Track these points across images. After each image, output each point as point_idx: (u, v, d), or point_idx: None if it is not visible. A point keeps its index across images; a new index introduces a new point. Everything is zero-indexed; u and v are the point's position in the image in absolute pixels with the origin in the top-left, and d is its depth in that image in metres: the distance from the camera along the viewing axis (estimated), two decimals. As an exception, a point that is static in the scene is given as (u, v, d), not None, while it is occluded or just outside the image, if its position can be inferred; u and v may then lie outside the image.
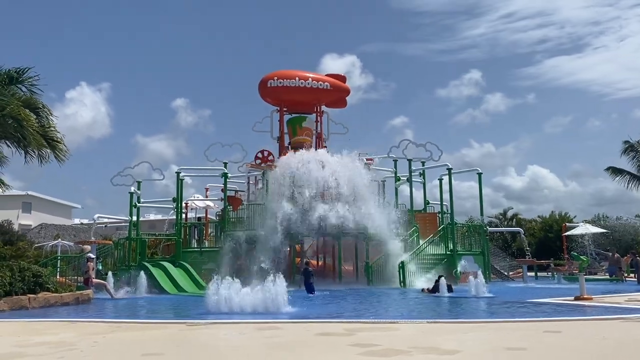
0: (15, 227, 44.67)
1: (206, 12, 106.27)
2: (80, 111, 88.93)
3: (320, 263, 27.72)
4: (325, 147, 29.00)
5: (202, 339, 8.13)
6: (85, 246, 26.05)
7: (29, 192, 56.57)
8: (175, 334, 8.42)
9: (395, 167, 27.38)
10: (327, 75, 30.00)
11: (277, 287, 12.46)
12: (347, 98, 30.53)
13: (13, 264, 13.92)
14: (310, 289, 18.06)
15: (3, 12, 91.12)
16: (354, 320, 10.24)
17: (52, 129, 17.74)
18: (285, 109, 28.87)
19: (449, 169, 25.61)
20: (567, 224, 35.72)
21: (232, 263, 23.03)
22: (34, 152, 17.23)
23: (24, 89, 17.15)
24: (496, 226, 43.71)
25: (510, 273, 29.62)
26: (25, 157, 17.36)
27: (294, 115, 29.00)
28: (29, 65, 17.42)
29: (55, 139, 17.67)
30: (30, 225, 51.97)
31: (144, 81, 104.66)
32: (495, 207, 74.08)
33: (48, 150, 17.53)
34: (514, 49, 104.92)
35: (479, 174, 27.01)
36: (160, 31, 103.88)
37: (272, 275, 12.67)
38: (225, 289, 12.47)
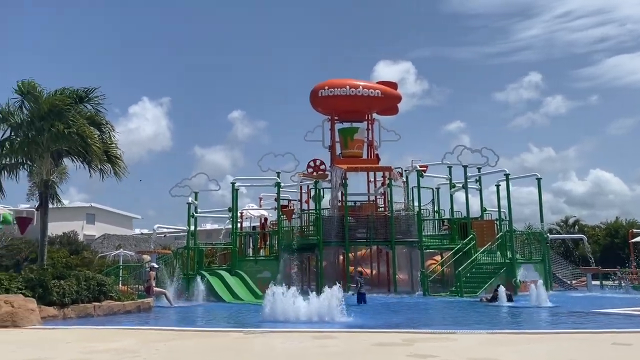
0: (80, 237, 46.76)
1: (259, 26, 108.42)
2: (142, 125, 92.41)
3: (374, 272, 27.51)
4: (377, 155, 28.88)
5: (260, 347, 8.21)
6: (145, 256, 26.94)
7: (93, 204, 59.15)
8: (233, 342, 8.55)
9: (450, 173, 26.90)
10: (378, 82, 29.89)
11: (332, 297, 12.46)
12: (398, 105, 30.32)
13: (79, 273, 14.51)
14: (361, 299, 17.86)
15: (73, 34, 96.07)
16: (411, 330, 10.07)
17: (114, 145, 18.53)
18: (336, 118, 28.95)
19: (507, 175, 24.90)
20: (633, 230, 33.95)
21: (287, 272, 23.22)
22: (96, 167, 18.05)
23: (89, 106, 18.02)
24: (557, 233, 42.12)
25: (574, 282, 28.42)
26: (89, 172, 18.20)
27: (345, 124, 29.04)
28: (95, 84, 18.30)
29: (116, 155, 18.45)
30: (94, 235, 54.23)
31: (202, 95, 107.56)
32: (555, 214, 71.47)
33: (109, 166, 18.32)
34: (571, 49, 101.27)
35: (539, 179, 26.12)
36: (216, 46, 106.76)
37: (326, 284, 12.67)
38: (281, 298, 12.56)
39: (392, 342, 8.15)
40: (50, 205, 17.72)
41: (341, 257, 25.46)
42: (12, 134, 17.34)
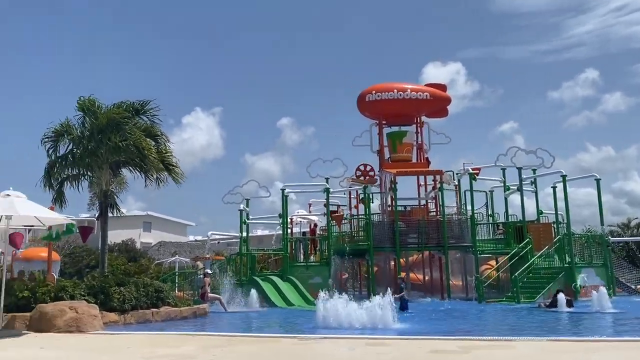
0: (138, 245, 48.30)
1: (305, 34, 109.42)
2: (195, 135, 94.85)
3: (426, 278, 27.12)
4: (427, 158, 28.51)
5: (314, 353, 8.24)
6: (198, 263, 27.55)
7: (149, 213, 61.05)
8: (288, 348, 8.61)
9: (504, 175, 26.23)
10: (426, 85, 29.55)
11: (385, 303, 12.36)
12: (448, 107, 29.86)
13: (138, 280, 14.99)
14: (403, 306, 17.39)
15: (129, 48, 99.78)
16: (467, 337, 9.86)
17: (169, 154, 19.12)
18: (384, 122, 28.80)
19: (564, 176, 24.04)
20: None
21: (338, 277, 23.21)
22: (152, 176, 18.65)
23: (145, 118, 18.69)
24: (618, 236, 40.27)
25: (639, 286, 27.09)
26: (145, 181, 18.83)
27: (393, 128, 28.84)
28: (150, 96, 19.00)
29: (172, 163, 19.02)
30: (151, 243, 55.92)
31: (252, 103, 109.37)
32: (616, 215, 68.26)
33: (165, 174, 18.91)
34: (628, 43, 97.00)
35: (598, 180, 25.08)
36: (264, 54, 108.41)
37: (377, 289, 12.59)
38: (333, 304, 12.57)
39: (448, 350, 8.00)
40: (109, 215, 18.40)
41: (392, 263, 25.22)
42: (74, 147, 18.16)
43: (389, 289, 12.75)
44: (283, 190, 25.62)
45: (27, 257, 19.24)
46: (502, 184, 26.23)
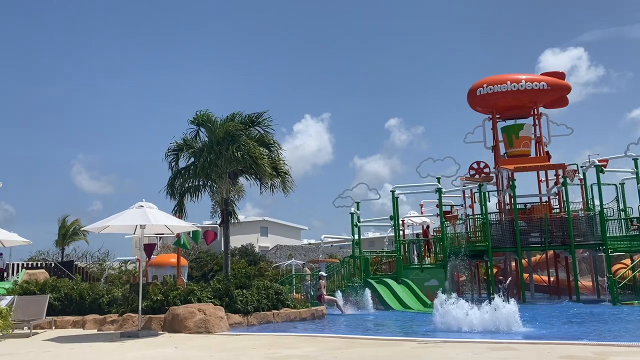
0: (256, 249, 50.44)
1: (411, 32, 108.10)
2: (306, 141, 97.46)
3: (552, 279, 25.50)
4: (547, 152, 26.84)
5: (435, 357, 8.04)
6: (306, 268, 28.14)
7: (265, 218, 63.66)
8: (408, 352, 8.49)
9: (636, 166, 23.96)
10: (542, 74, 27.84)
11: (508, 305, 11.81)
12: (568, 96, 27.89)
13: (259, 283, 15.63)
14: None
15: (241, 59, 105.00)
16: (603, 342, 9.09)
17: (281, 162, 19.86)
18: (498, 116, 27.55)
19: None
20: None
21: (455, 279, 22.56)
22: (267, 183, 19.46)
23: (259, 129, 19.58)
24: None
25: None
26: (260, 188, 19.69)
27: (508, 122, 27.50)
28: (263, 108, 19.93)
29: (284, 171, 19.72)
30: (268, 246, 58.19)
31: (359, 106, 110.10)
32: None
33: (278, 181, 19.65)
34: None
35: None
36: (368, 56, 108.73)
37: (500, 291, 12.05)
38: (452, 307, 12.23)
39: (581, 356, 7.43)
40: (230, 221, 19.44)
41: (513, 263, 24.03)
42: (194, 159, 19.44)
43: (503, 283, 12.16)
44: (393, 192, 25.44)
45: (158, 263, 20.81)
46: (635, 176, 23.97)
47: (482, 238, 23.20)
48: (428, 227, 28.14)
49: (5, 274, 26.86)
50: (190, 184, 19.59)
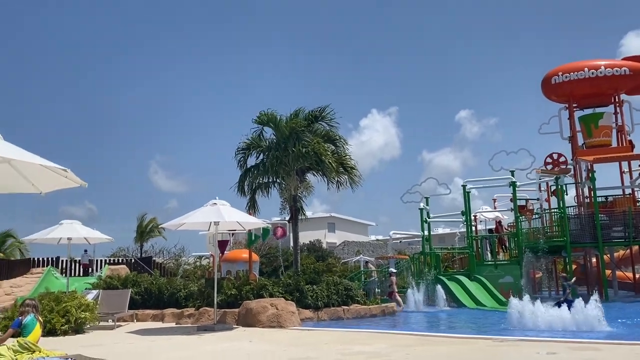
0: (323, 245, 50.81)
1: (478, 20, 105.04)
2: (373, 136, 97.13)
3: (637, 276, 24.02)
4: (630, 141, 25.25)
5: (512, 356, 7.78)
6: (369, 265, 27.99)
7: (332, 214, 63.94)
8: (483, 350, 8.27)
9: None
10: (624, 59, 26.18)
11: (590, 304, 11.25)
12: (654, 80, 26.06)
13: (328, 279, 15.74)
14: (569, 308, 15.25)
15: (306, 57, 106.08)
16: (698, 345, 8.47)
17: (348, 157, 19.85)
18: (575, 105, 26.20)
19: None
20: None
21: (530, 276, 21.72)
22: (333, 179, 19.52)
23: (324, 124, 19.65)
24: None
25: None
26: (327, 184, 19.78)
27: (586, 111, 26.10)
28: (326, 103, 19.98)
29: (351, 166, 19.70)
30: (335, 242, 58.46)
31: (427, 99, 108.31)
32: None
33: (345, 177, 19.67)
34: None
35: None
36: (435, 48, 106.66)
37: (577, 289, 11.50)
38: (529, 305, 11.80)
39: (676, 359, 6.95)
40: (299, 217, 19.67)
41: (594, 260, 22.82)
42: (263, 157, 19.81)
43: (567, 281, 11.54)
44: (464, 186, 24.81)
45: (230, 259, 21.37)
46: None
47: (560, 233, 22.16)
48: (500, 222, 27.25)
49: (90, 269, 28.56)
50: (260, 181, 19.99)
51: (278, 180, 19.80)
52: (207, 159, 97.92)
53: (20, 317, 7.70)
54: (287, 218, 20.34)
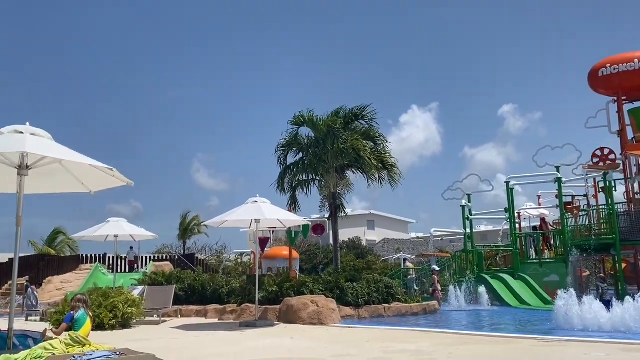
0: (363, 242, 50.66)
1: (523, 10, 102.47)
2: (413, 133, 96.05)
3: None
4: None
5: (558, 357, 7.57)
6: (408, 263, 27.71)
7: (372, 211, 63.64)
8: (528, 350, 8.07)
9: None
10: (676, 48, 25.06)
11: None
12: None
13: (368, 276, 15.69)
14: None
15: (343, 55, 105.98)
16: None
17: (387, 155, 19.73)
18: (624, 98, 25.23)
19: None
20: None
21: (577, 275, 21.09)
22: (374, 176, 19.43)
23: (363, 122, 19.59)
24: None
25: None
26: (367, 181, 19.71)
27: (636, 104, 25.10)
28: (368, 101, 19.90)
29: (391, 163, 19.58)
30: (375, 240, 58.16)
31: (469, 94, 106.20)
32: None
33: (385, 174, 19.56)
34: None
35: None
36: (478, 42, 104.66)
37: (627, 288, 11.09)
38: (576, 304, 11.46)
39: None
40: (339, 215, 19.67)
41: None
42: (302, 155, 19.90)
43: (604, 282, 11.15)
44: (507, 182, 24.32)
45: (271, 256, 21.60)
46: None
47: (608, 230, 21.43)
48: (544, 219, 26.56)
49: (135, 265, 29.36)
50: (299, 179, 20.09)
51: (317, 178, 19.86)
52: (248, 157, 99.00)
53: (72, 312, 7.99)
54: (327, 215, 20.37)
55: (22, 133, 5.88)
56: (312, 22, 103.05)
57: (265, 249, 19.13)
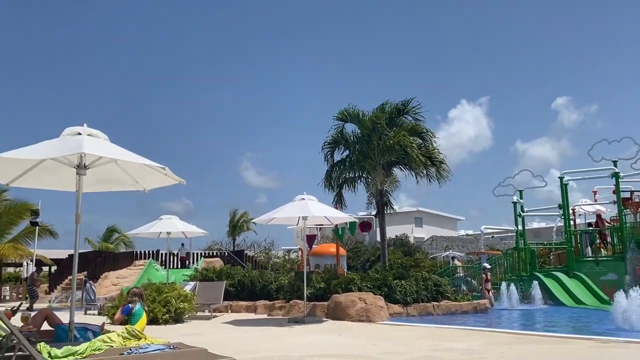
0: (410, 239, 50.17)
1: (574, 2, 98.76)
2: (463, 128, 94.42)
3: None
4: None
5: (618, 358, 7.29)
6: (456, 261, 27.12)
7: (419, 208, 62.96)
8: (585, 352, 7.80)
9: None
10: None
11: None
12: None
13: (417, 274, 15.53)
14: None
15: (390, 51, 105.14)
16: None
17: (436, 150, 19.43)
18: (687, 88, 23.99)
19: None
20: None
21: (637, 273, 20.17)
22: (421, 173, 19.18)
23: (409, 117, 19.36)
24: None
25: None
26: (415, 178, 19.48)
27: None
28: (412, 96, 19.64)
29: (439, 159, 19.28)
30: (423, 237, 57.52)
31: (521, 87, 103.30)
32: None
33: (433, 170, 19.26)
34: None
35: None
36: (530, 32, 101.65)
37: None
38: (636, 304, 10.97)
39: None
40: (386, 212, 19.53)
41: None
42: (349, 152, 19.86)
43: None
44: (562, 178, 23.53)
45: (318, 252, 21.71)
46: None
47: (672, 227, 20.44)
48: (600, 216, 25.54)
49: (187, 261, 30.13)
50: (346, 176, 20.06)
51: (364, 175, 19.78)
52: (295, 156, 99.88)
53: (130, 305, 8.29)
54: (374, 213, 20.26)
55: (80, 134, 6.13)
56: (360, 22, 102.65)
57: (313, 246, 19.25)
